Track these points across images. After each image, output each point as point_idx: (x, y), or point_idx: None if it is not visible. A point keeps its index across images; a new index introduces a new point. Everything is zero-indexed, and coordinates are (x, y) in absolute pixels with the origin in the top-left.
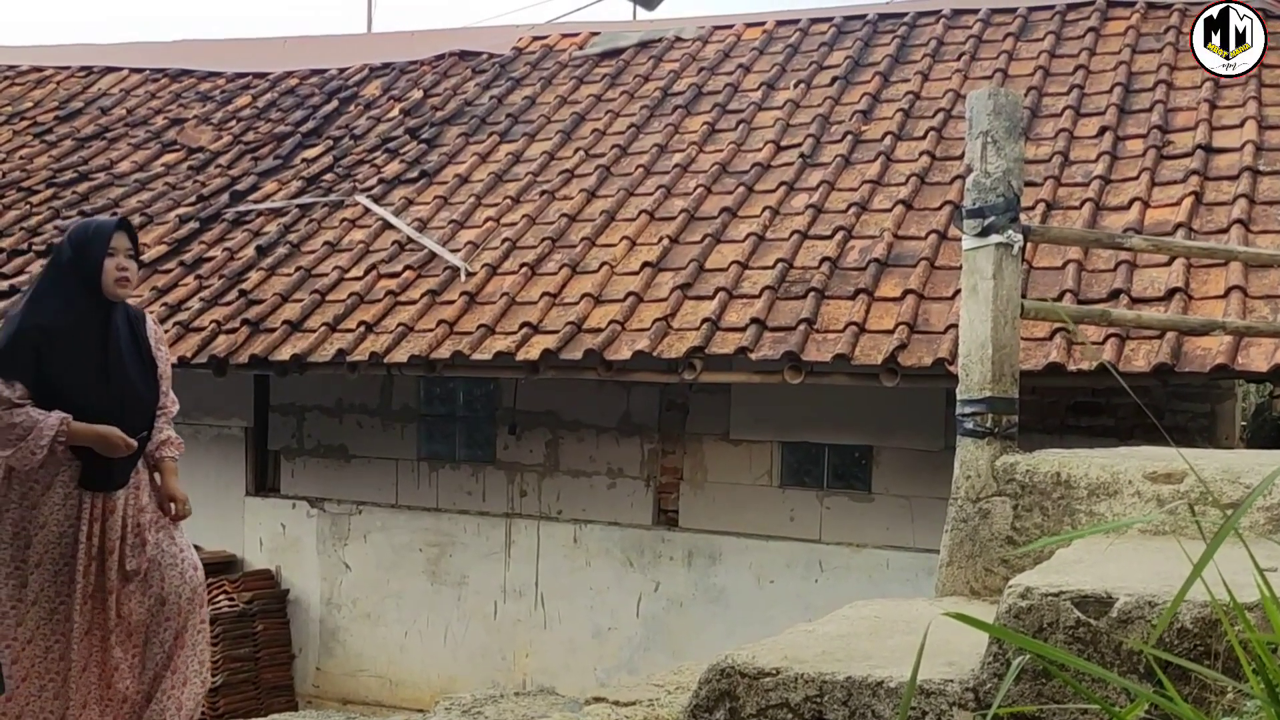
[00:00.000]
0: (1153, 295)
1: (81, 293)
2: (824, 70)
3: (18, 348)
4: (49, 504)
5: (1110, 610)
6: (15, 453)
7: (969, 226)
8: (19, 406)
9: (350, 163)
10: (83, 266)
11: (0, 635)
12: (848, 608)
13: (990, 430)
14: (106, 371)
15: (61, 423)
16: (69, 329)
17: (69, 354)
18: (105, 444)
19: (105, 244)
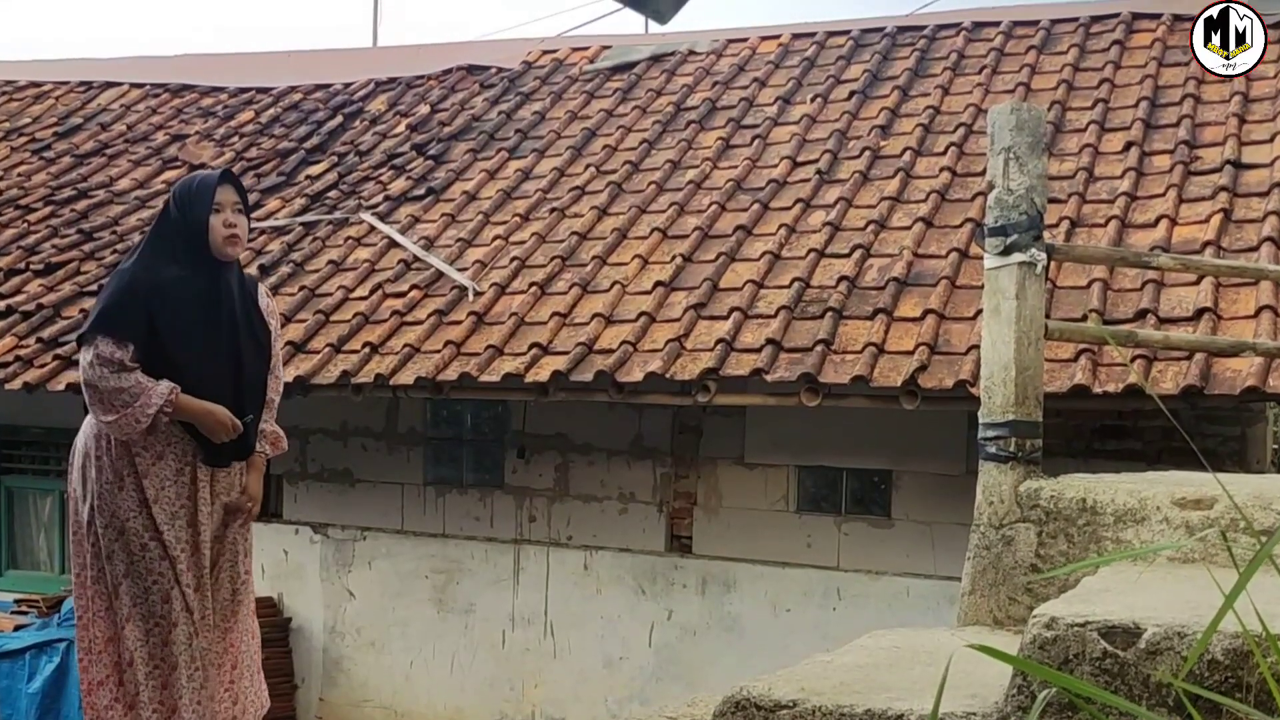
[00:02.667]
0: (1181, 315)
1: (189, 254)
2: (841, 84)
3: (130, 305)
4: (161, 475)
5: (1138, 641)
6: (118, 419)
7: (991, 245)
8: (129, 370)
9: (355, 179)
10: (188, 226)
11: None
12: (867, 637)
13: (1013, 454)
14: (217, 342)
15: (171, 392)
16: (179, 292)
17: (180, 319)
18: (210, 423)
19: (209, 200)
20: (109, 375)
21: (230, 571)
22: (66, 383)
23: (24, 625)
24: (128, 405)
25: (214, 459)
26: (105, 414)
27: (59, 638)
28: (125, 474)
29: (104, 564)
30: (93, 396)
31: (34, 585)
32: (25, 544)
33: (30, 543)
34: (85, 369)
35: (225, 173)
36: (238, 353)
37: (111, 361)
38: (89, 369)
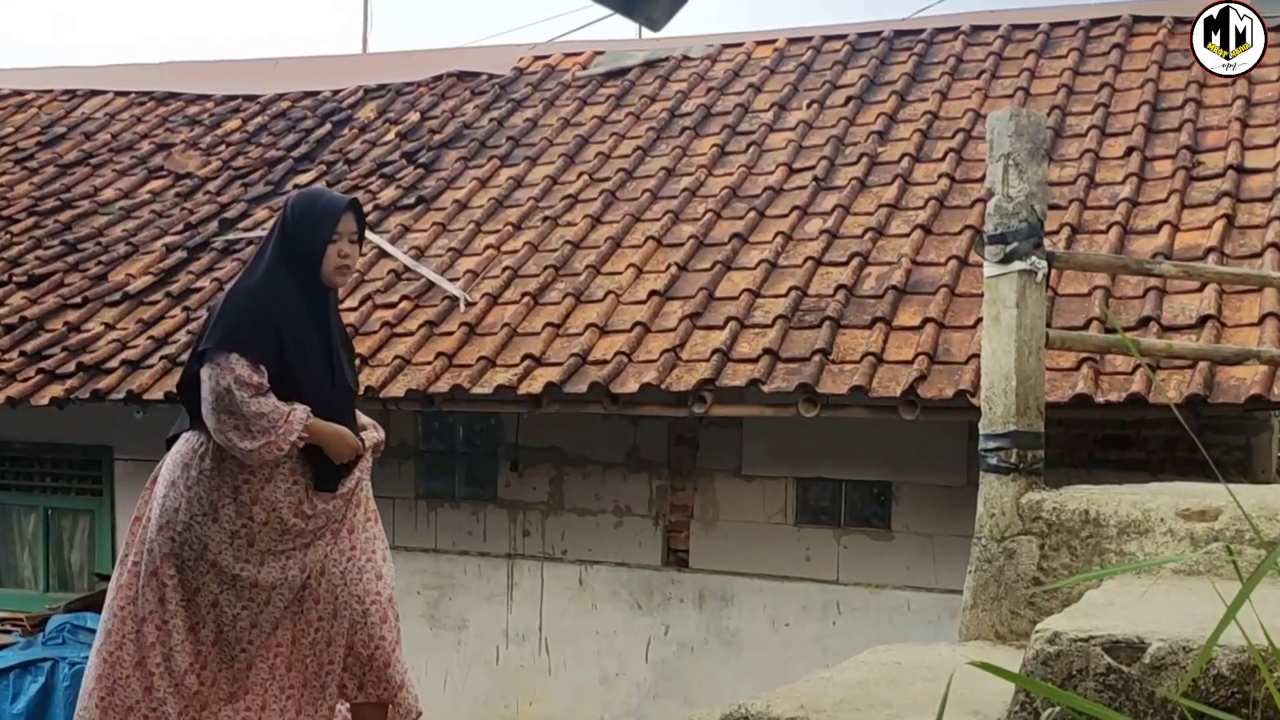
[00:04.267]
0: (1184, 323)
1: (303, 276)
2: (838, 90)
3: (260, 326)
4: (268, 500)
5: (1143, 656)
6: (260, 446)
7: (991, 253)
8: (264, 394)
9: (344, 188)
10: (304, 249)
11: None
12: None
13: (1015, 465)
14: (330, 366)
15: (307, 416)
16: (299, 315)
17: (301, 342)
18: (338, 448)
19: (332, 227)
20: (249, 400)
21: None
22: (50, 397)
23: (7, 645)
24: (267, 432)
25: (326, 484)
26: (244, 440)
27: (43, 657)
28: (221, 505)
29: (177, 597)
30: (228, 423)
31: (17, 604)
32: (9, 561)
33: (14, 560)
34: (221, 393)
35: (352, 201)
36: (344, 376)
37: (249, 385)
38: (227, 394)
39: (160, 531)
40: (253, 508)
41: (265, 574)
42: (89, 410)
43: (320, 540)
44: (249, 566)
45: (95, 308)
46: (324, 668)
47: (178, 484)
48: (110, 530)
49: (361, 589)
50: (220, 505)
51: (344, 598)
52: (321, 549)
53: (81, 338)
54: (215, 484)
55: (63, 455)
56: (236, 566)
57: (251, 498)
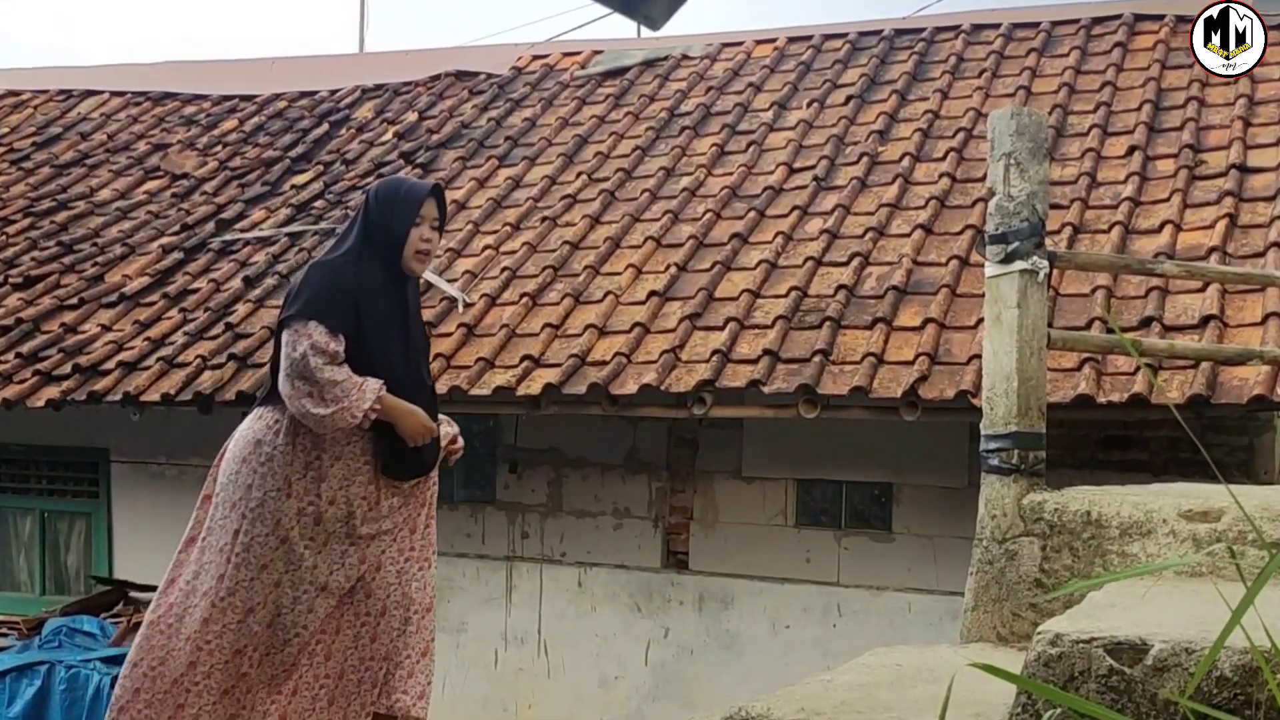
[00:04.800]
0: (1186, 323)
1: (384, 259)
2: (838, 89)
3: (339, 297)
4: (338, 477)
5: (1145, 658)
6: (333, 413)
7: (992, 253)
8: (341, 364)
9: (342, 189)
10: (387, 232)
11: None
12: (868, 655)
13: (1016, 467)
14: (407, 351)
15: (381, 388)
16: (379, 294)
17: (380, 321)
18: (411, 424)
19: (414, 212)
20: (324, 367)
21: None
22: (46, 399)
23: (4, 648)
24: (340, 400)
25: (395, 470)
26: (318, 406)
27: (40, 660)
28: (295, 479)
29: (239, 576)
30: (302, 389)
31: (14, 606)
32: (5, 564)
33: (10, 563)
34: (297, 359)
35: (435, 187)
36: (420, 362)
37: (326, 352)
38: (303, 359)
39: (232, 509)
40: (321, 485)
41: (325, 557)
42: (85, 412)
43: (385, 537)
44: (313, 545)
45: (92, 309)
46: (363, 663)
47: (250, 460)
48: (107, 533)
49: (413, 591)
50: (293, 480)
51: (395, 597)
52: (383, 544)
53: (78, 339)
54: (289, 459)
55: (59, 457)
56: (302, 544)
57: (321, 474)
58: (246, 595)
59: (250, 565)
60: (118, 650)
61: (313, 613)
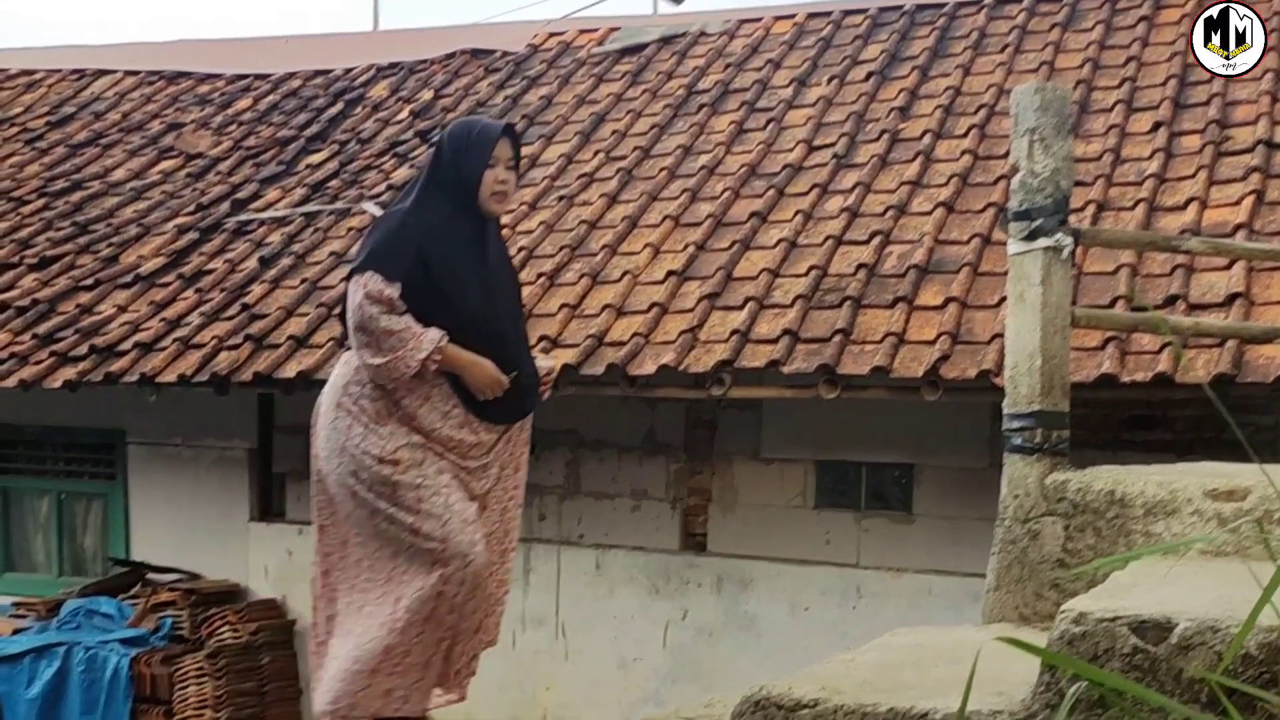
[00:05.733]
0: (1212, 301)
1: (458, 203)
2: (859, 65)
3: (400, 244)
4: (428, 418)
5: (1170, 636)
6: (387, 362)
7: (1015, 230)
8: (398, 312)
9: (357, 168)
10: (460, 175)
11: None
12: (889, 636)
13: (1039, 446)
14: (486, 292)
15: (441, 339)
16: (450, 237)
17: (452, 263)
18: (476, 375)
19: (487, 153)
20: (380, 316)
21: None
22: (62, 380)
23: (22, 629)
24: (395, 350)
25: (485, 413)
26: (374, 356)
27: (58, 641)
28: (392, 411)
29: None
30: (361, 338)
31: (32, 588)
32: (22, 546)
33: (27, 545)
34: (355, 309)
35: (508, 127)
36: (500, 307)
37: (381, 300)
38: (359, 309)
39: (339, 454)
40: (412, 423)
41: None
42: (101, 393)
43: (488, 472)
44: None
45: (107, 289)
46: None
47: (343, 404)
48: (124, 514)
49: (513, 531)
50: (385, 418)
51: (496, 534)
52: (487, 481)
53: (93, 320)
54: (375, 399)
55: (75, 439)
56: (415, 454)
57: (410, 414)
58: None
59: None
60: (135, 631)
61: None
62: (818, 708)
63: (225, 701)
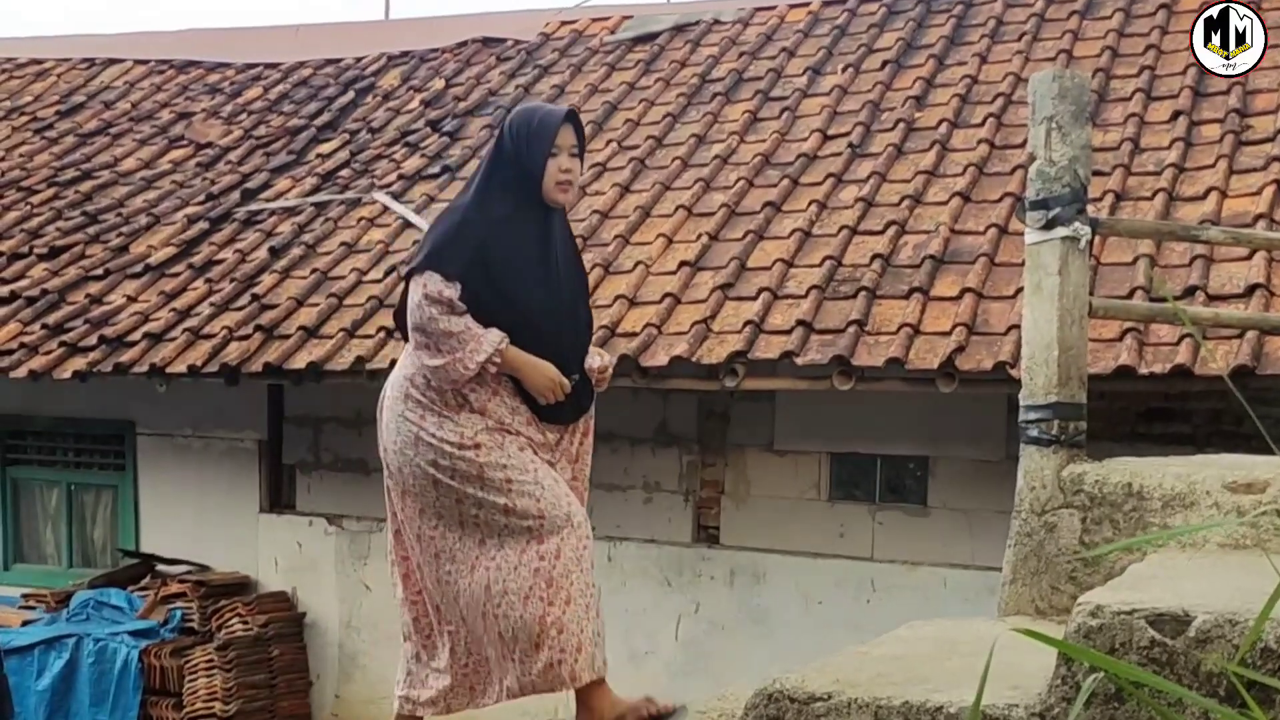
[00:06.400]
0: (1231, 292)
1: (521, 194)
2: (874, 53)
3: (460, 243)
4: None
5: (1187, 629)
6: (445, 364)
7: (1032, 219)
8: (458, 313)
9: (368, 158)
10: (522, 165)
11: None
12: (904, 628)
13: (1056, 438)
14: (548, 288)
15: (501, 342)
16: (512, 232)
17: (514, 259)
18: (536, 380)
19: (549, 142)
20: (439, 317)
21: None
22: (72, 370)
23: (32, 621)
24: (454, 352)
25: (542, 414)
26: (432, 358)
27: (68, 633)
28: (458, 405)
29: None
30: (420, 339)
31: (42, 580)
32: (32, 537)
33: (37, 536)
34: (414, 309)
35: (570, 113)
36: (566, 304)
37: (440, 301)
38: (418, 310)
39: (414, 445)
40: (483, 418)
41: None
42: (111, 384)
43: (559, 465)
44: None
45: (117, 280)
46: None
47: (412, 395)
48: (134, 505)
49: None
50: (460, 408)
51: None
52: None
53: (103, 310)
54: (443, 393)
55: (85, 430)
56: (494, 437)
57: (480, 407)
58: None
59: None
60: (145, 623)
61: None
62: (831, 701)
63: (235, 694)
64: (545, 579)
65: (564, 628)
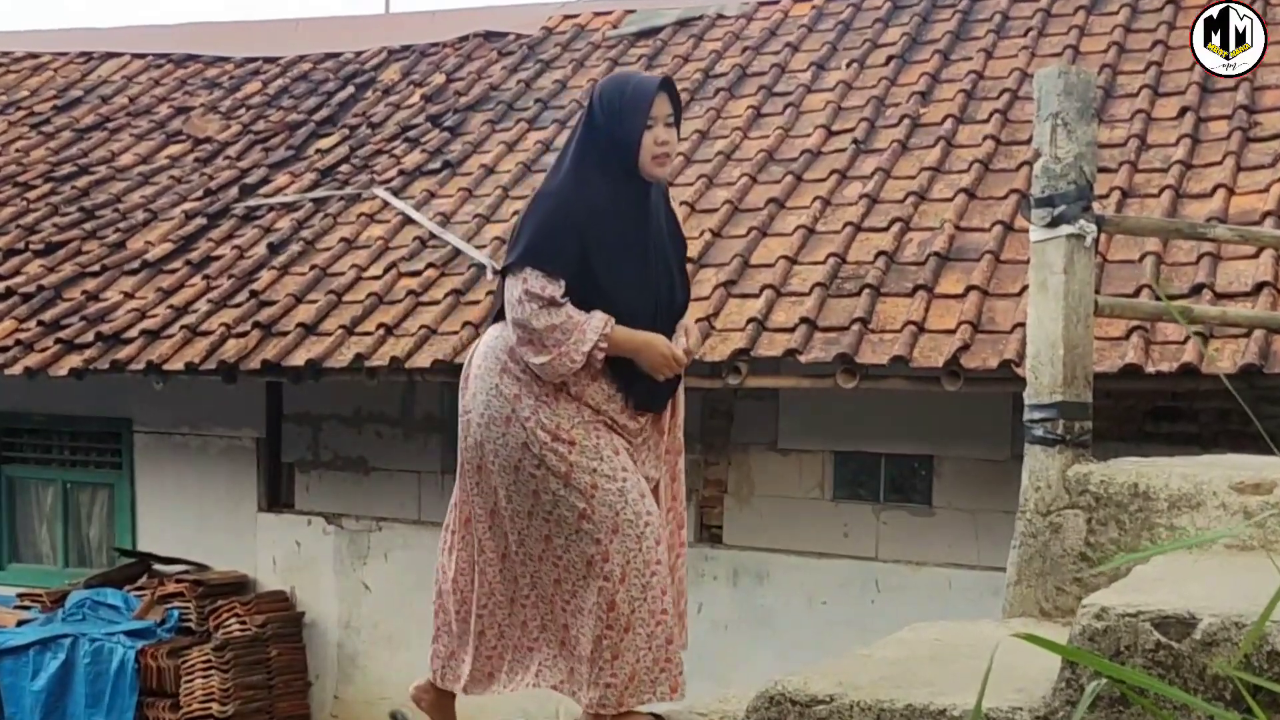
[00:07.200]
0: (1239, 290)
1: (616, 171)
2: (879, 49)
3: (561, 234)
4: (592, 399)
5: (1193, 632)
6: (552, 360)
7: (1037, 217)
8: (559, 305)
9: (367, 153)
10: (616, 140)
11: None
12: (907, 630)
13: (1061, 438)
14: (645, 271)
15: (605, 325)
16: (610, 215)
17: (611, 245)
18: (652, 356)
19: (645, 114)
20: (539, 312)
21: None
22: (69, 367)
23: (27, 620)
24: (559, 345)
25: (646, 402)
26: (537, 355)
27: (63, 633)
28: (556, 389)
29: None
30: (523, 337)
31: (37, 579)
32: (27, 536)
33: (32, 535)
34: (514, 306)
35: (665, 81)
36: (664, 281)
37: (541, 297)
38: (518, 306)
39: (505, 423)
40: (581, 400)
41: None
42: (108, 381)
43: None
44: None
45: (114, 276)
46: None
47: (510, 370)
48: (130, 504)
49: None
50: (559, 392)
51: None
52: (652, 464)
53: (100, 307)
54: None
55: (81, 428)
56: (592, 436)
57: (579, 392)
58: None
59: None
60: (142, 623)
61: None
62: (834, 703)
63: (233, 694)
64: (607, 601)
65: (619, 654)
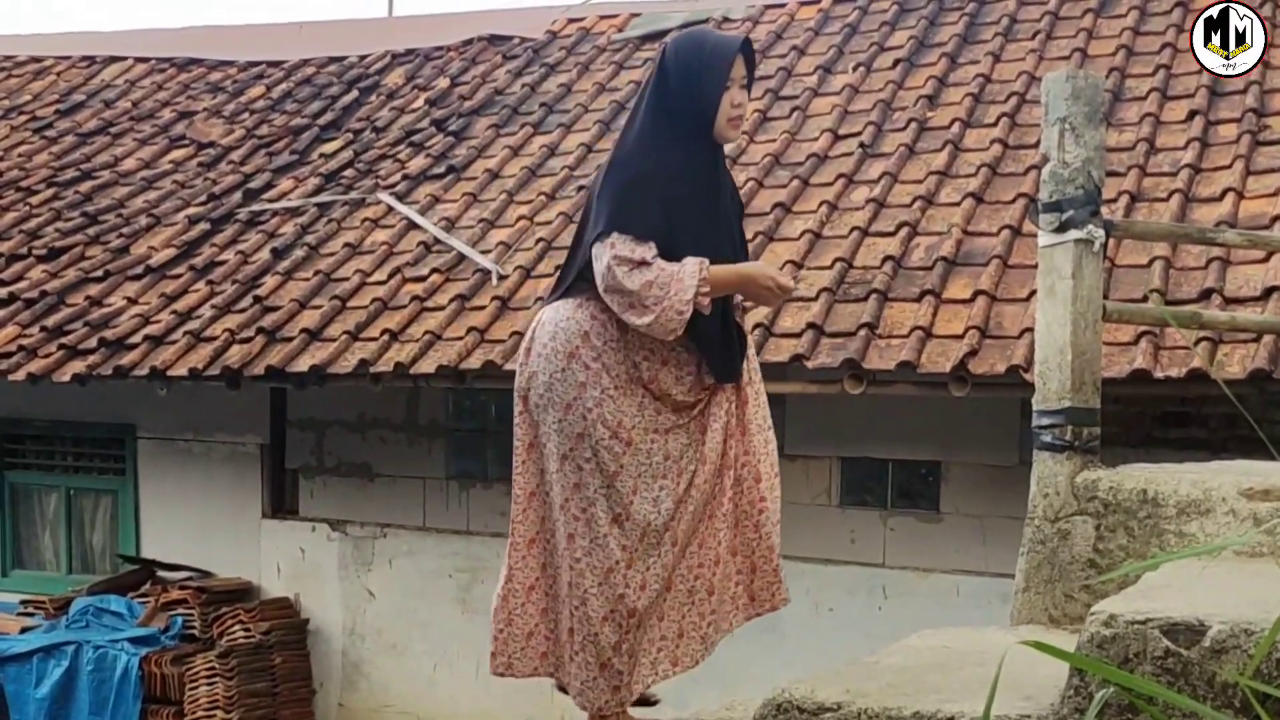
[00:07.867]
0: (1248, 295)
1: (692, 134)
2: (886, 52)
3: (644, 198)
4: (663, 382)
5: (1203, 639)
6: (657, 317)
7: (1045, 221)
8: (648, 265)
9: (372, 157)
10: (694, 102)
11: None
12: (914, 637)
13: (1070, 443)
14: (717, 234)
15: (700, 267)
16: (687, 179)
17: (688, 209)
18: (756, 288)
19: (725, 75)
20: (630, 274)
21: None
22: (72, 373)
23: (31, 627)
24: (660, 300)
25: (726, 371)
26: (640, 316)
27: (67, 640)
28: (632, 374)
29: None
30: (621, 302)
31: (40, 586)
32: (30, 543)
33: (36, 541)
34: (604, 276)
35: (745, 41)
36: (735, 245)
37: (631, 260)
38: (607, 274)
39: (566, 409)
40: (650, 386)
41: (674, 444)
42: (111, 387)
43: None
44: (659, 439)
45: (117, 281)
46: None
47: (581, 355)
48: (134, 510)
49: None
50: (630, 380)
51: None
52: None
53: (103, 312)
54: (621, 358)
55: (85, 434)
56: (648, 439)
57: (651, 377)
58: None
59: (603, 471)
60: (145, 630)
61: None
62: (841, 711)
63: (237, 702)
64: (628, 609)
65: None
